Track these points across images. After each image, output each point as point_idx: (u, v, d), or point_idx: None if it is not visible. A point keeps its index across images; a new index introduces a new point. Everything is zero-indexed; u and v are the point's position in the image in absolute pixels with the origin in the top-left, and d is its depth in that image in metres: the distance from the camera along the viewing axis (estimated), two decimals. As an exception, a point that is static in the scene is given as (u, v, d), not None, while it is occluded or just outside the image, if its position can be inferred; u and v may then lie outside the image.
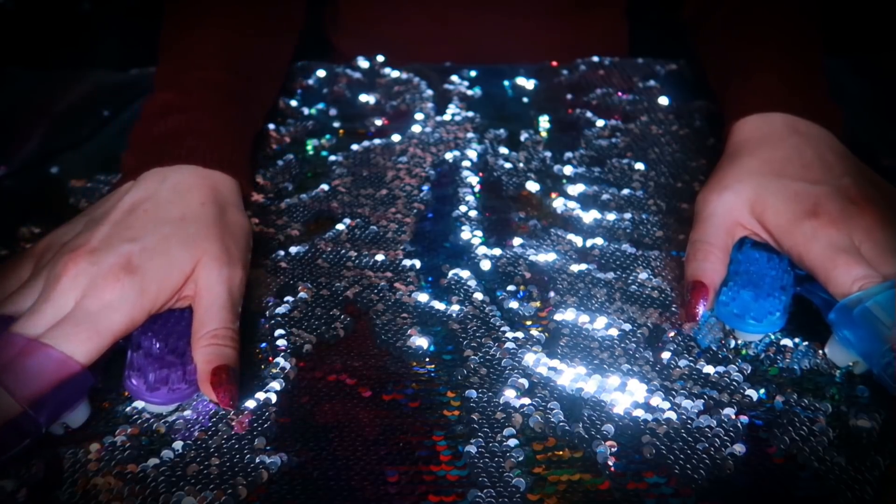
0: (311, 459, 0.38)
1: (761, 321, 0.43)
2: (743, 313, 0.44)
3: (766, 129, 0.50)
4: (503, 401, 0.41)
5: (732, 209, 0.46)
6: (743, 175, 0.47)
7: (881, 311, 0.40)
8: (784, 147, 0.48)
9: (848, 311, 0.41)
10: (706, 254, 0.45)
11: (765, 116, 0.51)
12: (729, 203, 0.46)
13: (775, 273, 0.45)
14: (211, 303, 0.42)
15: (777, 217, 0.45)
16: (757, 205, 0.46)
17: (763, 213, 0.45)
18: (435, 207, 0.56)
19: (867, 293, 0.40)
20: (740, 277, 0.45)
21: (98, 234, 0.43)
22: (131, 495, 0.36)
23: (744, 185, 0.46)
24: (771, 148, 0.48)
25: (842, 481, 0.36)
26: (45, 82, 0.71)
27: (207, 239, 0.44)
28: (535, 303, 0.48)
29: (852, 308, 0.41)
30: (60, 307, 0.40)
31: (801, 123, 0.50)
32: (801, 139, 0.49)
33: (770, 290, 0.44)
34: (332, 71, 0.73)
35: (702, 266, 0.45)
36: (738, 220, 0.46)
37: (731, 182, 0.47)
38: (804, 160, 0.47)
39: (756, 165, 0.47)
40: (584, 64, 0.74)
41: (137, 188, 0.47)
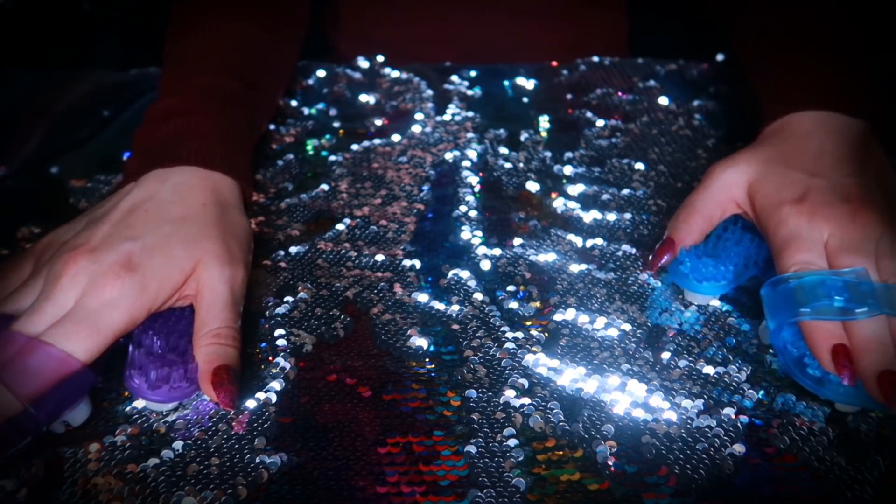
0: (311, 459, 0.38)
1: (702, 283, 0.45)
2: (689, 272, 0.46)
3: (794, 124, 0.50)
4: (503, 401, 0.41)
5: (730, 185, 0.48)
6: (753, 159, 0.48)
7: (800, 292, 0.40)
8: (806, 141, 0.48)
9: (773, 287, 0.42)
10: (688, 216, 0.48)
11: (798, 115, 0.50)
12: (729, 178, 0.48)
13: (743, 251, 0.47)
14: (213, 302, 0.42)
15: (764, 199, 0.46)
16: (753, 186, 0.47)
17: (756, 193, 0.47)
18: (435, 207, 0.56)
19: (797, 274, 0.41)
20: (706, 246, 0.47)
21: (98, 233, 0.43)
22: (131, 495, 0.36)
23: (750, 167, 0.48)
24: (792, 142, 0.49)
25: (842, 481, 0.36)
26: (45, 82, 0.71)
27: (209, 238, 0.44)
28: (535, 303, 0.48)
29: (777, 285, 0.42)
30: (61, 305, 0.40)
31: (832, 119, 0.49)
32: (826, 135, 0.48)
33: (728, 262, 0.46)
34: (332, 71, 0.73)
35: (679, 226, 0.47)
36: (733, 195, 0.48)
37: (740, 162, 0.48)
38: (818, 154, 0.47)
39: (769, 154, 0.48)
40: (584, 64, 0.74)
41: (138, 189, 0.47)
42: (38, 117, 0.66)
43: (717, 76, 0.72)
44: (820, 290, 0.40)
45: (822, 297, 0.40)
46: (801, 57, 0.54)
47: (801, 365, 0.41)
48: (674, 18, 0.89)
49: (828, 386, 0.40)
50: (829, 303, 0.40)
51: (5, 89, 0.70)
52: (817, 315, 0.40)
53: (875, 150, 0.49)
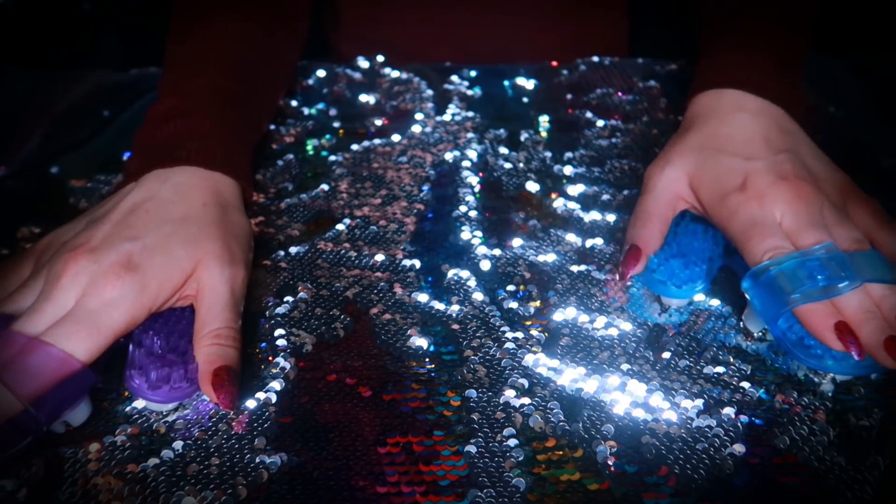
0: (311, 459, 0.38)
1: (681, 287, 0.46)
2: (666, 279, 0.46)
3: (715, 104, 0.51)
4: (503, 401, 0.41)
5: (673, 183, 0.48)
6: (685, 150, 0.49)
7: (784, 279, 0.41)
8: (729, 123, 0.49)
9: (755, 279, 0.42)
10: (644, 222, 0.48)
11: (718, 92, 0.51)
12: (670, 177, 0.48)
13: (704, 245, 0.48)
14: (213, 302, 0.42)
15: (709, 192, 0.46)
16: (694, 179, 0.48)
17: (699, 187, 0.47)
18: (435, 207, 0.56)
19: (774, 261, 0.42)
20: (671, 248, 0.48)
21: (99, 233, 0.43)
22: (131, 495, 0.36)
23: (684, 159, 0.48)
24: (717, 124, 0.50)
25: (842, 481, 0.36)
26: (45, 82, 0.71)
27: (209, 238, 0.44)
28: (535, 303, 0.48)
29: (759, 276, 0.42)
30: (61, 305, 0.40)
31: (752, 101, 0.50)
32: (749, 116, 0.49)
33: (696, 260, 0.47)
34: (332, 71, 0.73)
35: (640, 233, 0.47)
36: (679, 193, 0.48)
37: (674, 157, 0.49)
38: (746, 136, 0.48)
39: (698, 140, 0.49)
40: (584, 64, 0.74)
41: (139, 189, 0.47)
42: (38, 117, 0.66)
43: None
44: (801, 273, 0.41)
45: (805, 279, 0.41)
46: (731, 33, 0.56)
47: (803, 347, 0.42)
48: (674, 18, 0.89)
49: (833, 361, 0.41)
50: (814, 284, 0.40)
51: (5, 89, 0.70)
52: (806, 298, 0.40)
53: (796, 128, 0.50)
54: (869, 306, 0.40)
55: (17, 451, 0.36)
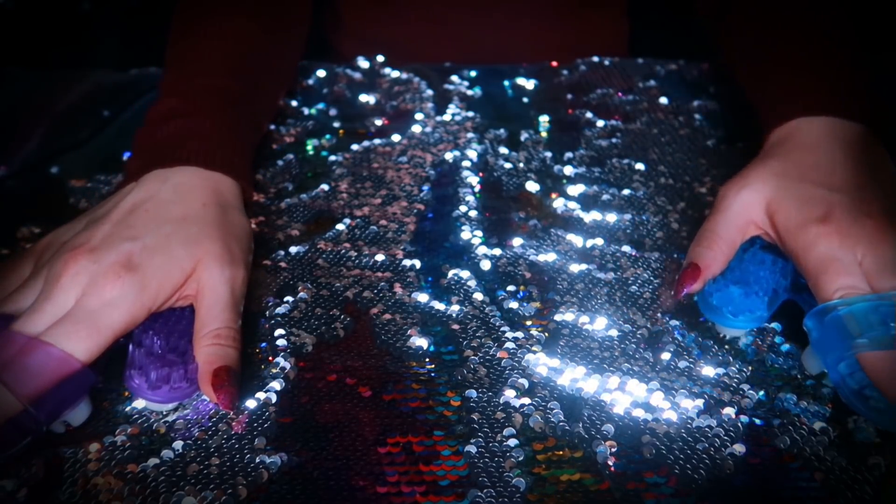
0: (311, 459, 0.38)
1: (737, 317, 0.44)
2: (721, 306, 0.44)
3: (804, 133, 0.49)
4: (503, 401, 0.41)
5: (748, 206, 0.46)
6: (767, 175, 0.46)
7: (852, 321, 0.39)
8: (817, 152, 0.47)
9: (821, 317, 0.40)
10: (710, 242, 0.45)
11: (803, 121, 0.49)
12: (746, 200, 0.46)
13: (771, 276, 0.45)
14: (213, 302, 0.42)
15: (787, 219, 0.44)
16: (772, 205, 0.45)
17: (776, 213, 0.45)
18: (435, 207, 0.56)
19: (845, 301, 0.39)
20: (733, 273, 0.45)
21: (98, 233, 0.43)
22: (131, 495, 0.36)
23: (765, 184, 0.46)
24: (802, 152, 0.47)
25: (842, 481, 0.36)
26: (45, 82, 0.71)
27: (209, 238, 0.44)
28: (535, 303, 0.48)
29: (825, 314, 0.40)
30: (61, 305, 0.40)
31: (841, 127, 0.48)
32: (836, 144, 0.47)
33: (758, 289, 0.44)
34: (332, 71, 0.73)
35: (703, 252, 0.45)
36: (752, 217, 0.46)
37: (754, 180, 0.46)
38: (832, 165, 0.46)
39: (782, 167, 0.47)
40: (584, 64, 0.74)
41: (139, 189, 0.47)
42: (38, 117, 0.66)
43: (717, 76, 0.72)
44: (873, 318, 0.38)
45: (876, 324, 0.38)
46: (801, 57, 0.53)
47: (862, 398, 0.38)
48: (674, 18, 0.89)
49: (892, 416, 0.38)
50: (886, 331, 0.37)
51: (5, 89, 0.70)
52: (875, 345, 0.37)
53: (880, 154, 0.48)
54: None
55: (17, 451, 0.36)
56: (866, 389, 0.38)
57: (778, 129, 0.50)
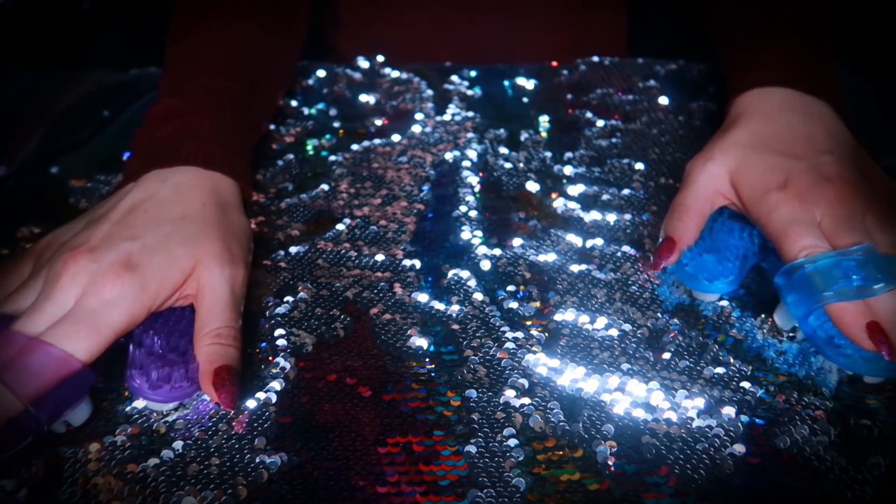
0: (311, 459, 0.38)
1: (712, 282, 0.46)
2: (697, 273, 0.46)
3: (762, 104, 0.51)
4: (503, 401, 0.41)
5: (714, 178, 0.48)
6: (728, 147, 0.49)
7: (818, 277, 0.41)
8: (776, 122, 0.49)
9: (789, 275, 0.43)
10: (681, 215, 0.48)
11: (764, 91, 0.51)
12: (711, 172, 0.48)
13: (740, 242, 0.47)
14: (213, 302, 0.42)
15: (750, 188, 0.46)
16: (736, 175, 0.47)
17: (739, 183, 0.47)
18: (435, 207, 0.56)
19: (810, 259, 0.42)
20: (706, 242, 0.48)
21: (98, 233, 0.43)
22: (131, 495, 0.36)
23: (727, 156, 0.48)
24: (763, 122, 0.49)
25: (842, 481, 0.36)
26: (45, 82, 0.71)
27: (209, 238, 0.44)
28: (535, 303, 0.48)
29: (793, 272, 0.42)
30: (61, 305, 0.40)
31: (798, 98, 0.50)
32: (794, 115, 0.49)
33: (730, 256, 0.47)
34: (332, 71, 0.73)
35: (675, 225, 0.48)
36: (719, 188, 0.48)
37: (717, 153, 0.49)
38: (792, 135, 0.48)
39: (743, 138, 0.49)
40: (584, 64, 0.74)
41: (138, 189, 0.47)
42: (38, 117, 0.66)
43: (717, 76, 0.71)
44: (836, 272, 0.41)
45: (839, 278, 0.41)
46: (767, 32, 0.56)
47: (833, 346, 0.41)
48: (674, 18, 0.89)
49: (861, 361, 0.41)
50: (849, 283, 0.40)
51: (5, 89, 0.70)
52: (840, 297, 0.41)
53: (842, 128, 0.50)
54: None
55: (18, 451, 0.36)
56: (835, 338, 0.41)
57: (737, 100, 0.52)
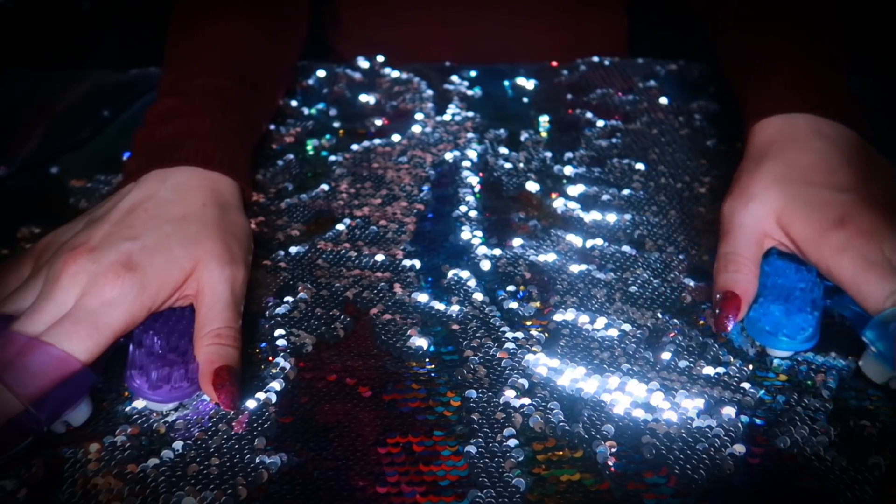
0: (311, 459, 0.38)
1: (794, 338, 0.42)
2: (775, 330, 0.42)
3: (788, 131, 0.48)
4: (503, 401, 0.41)
5: (760, 220, 0.45)
6: (769, 183, 0.45)
7: None
8: (809, 151, 0.46)
9: (884, 327, 0.39)
10: (738, 265, 0.44)
11: (787, 118, 0.49)
12: (756, 213, 0.45)
13: (805, 286, 0.44)
14: (213, 302, 0.42)
15: (804, 228, 0.43)
16: (784, 215, 0.44)
17: (790, 223, 0.44)
18: (435, 207, 0.56)
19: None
20: (769, 291, 0.44)
21: (98, 233, 0.43)
22: (131, 495, 0.36)
23: (770, 193, 0.45)
24: (796, 152, 0.46)
25: (842, 481, 0.36)
26: (45, 82, 0.71)
27: (209, 238, 0.44)
28: (535, 303, 0.48)
29: (888, 323, 0.39)
30: (60, 305, 0.40)
31: (825, 125, 0.48)
32: (825, 143, 0.47)
33: (801, 304, 0.43)
34: (332, 71, 0.73)
35: (734, 277, 0.44)
36: (766, 231, 0.45)
37: (757, 191, 0.45)
38: (830, 165, 0.45)
39: (781, 172, 0.46)
40: (584, 64, 0.74)
41: (138, 189, 0.47)
42: (38, 117, 0.66)
43: (717, 76, 0.72)
44: None
45: None
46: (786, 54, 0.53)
47: None
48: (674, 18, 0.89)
49: None
50: None
51: (5, 89, 0.70)
52: None
53: (874, 153, 0.48)
54: None
55: (18, 451, 0.36)
56: None
57: (759, 127, 0.50)
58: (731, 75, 0.58)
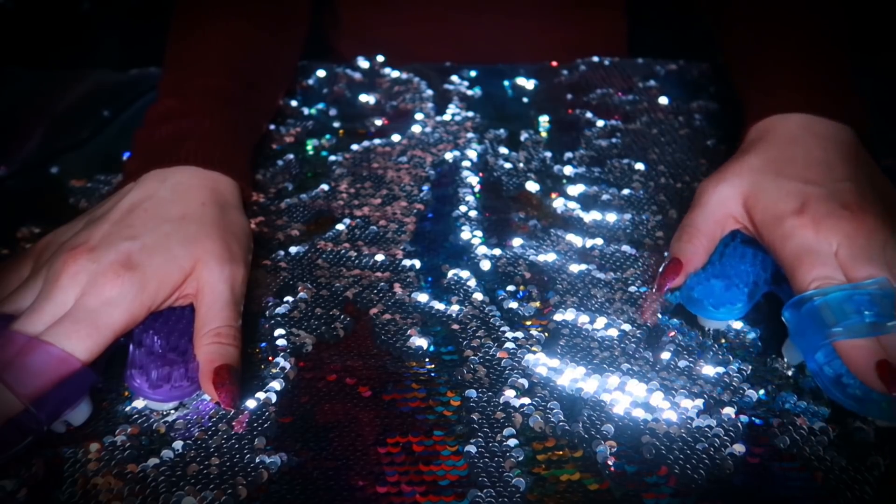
0: (311, 459, 0.38)
1: (718, 309, 0.44)
2: (703, 299, 0.45)
3: (779, 128, 0.49)
4: (503, 401, 0.41)
5: (726, 201, 0.47)
6: (744, 171, 0.47)
7: (827, 310, 0.39)
8: (793, 147, 0.48)
9: (797, 308, 0.41)
10: (691, 237, 0.46)
11: (781, 117, 0.50)
12: (724, 194, 0.47)
13: (751, 269, 0.46)
14: (213, 301, 0.42)
15: (764, 213, 0.45)
16: (749, 199, 0.46)
17: (753, 207, 0.46)
18: (435, 207, 0.56)
19: (820, 291, 0.40)
20: (714, 267, 0.46)
21: (98, 233, 0.43)
22: (131, 495, 0.36)
23: (742, 179, 0.47)
24: (779, 148, 0.48)
25: (842, 481, 0.36)
26: (45, 82, 0.71)
27: (208, 237, 0.44)
28: (535, 303, 0.48)
29: (802, 305, 0.40)
30: (60, 305, 0.40)
31: (818, 123, 0.49)
32: (813, 140, 0.48)
33: (739, 282, 0.45)
34: (332, 71, 0.73)
35: (684, 247, 0.46)
36: (730, 212, 0.47)
37: (731, 176, 0.47)
38: (808, 161, 0.46)
39: (758, 163, 0.47)
40: (584, 64, 0.74)
41: (137, 189, 0.47)
42: (38, 117, 0.66)
43: (717, 76, 0.72)
44: (848, 307, 0.39)
45: (851, 313, 0.38)
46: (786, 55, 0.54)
47: (840, 385, 0.39)
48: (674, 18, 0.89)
49: (871, 403, 0.38)
50: (860, 319, 0.38)
51: (5, 89, 0.70)
52: (850, 333, 0.38)
53: (863, 153, 0.48)
54: None
55: (18, 451, 0.36)
56: (843, 377, 0.39)
57: (756, 126, 0.51)
58: (734, 76, 0.59)
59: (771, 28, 0.57)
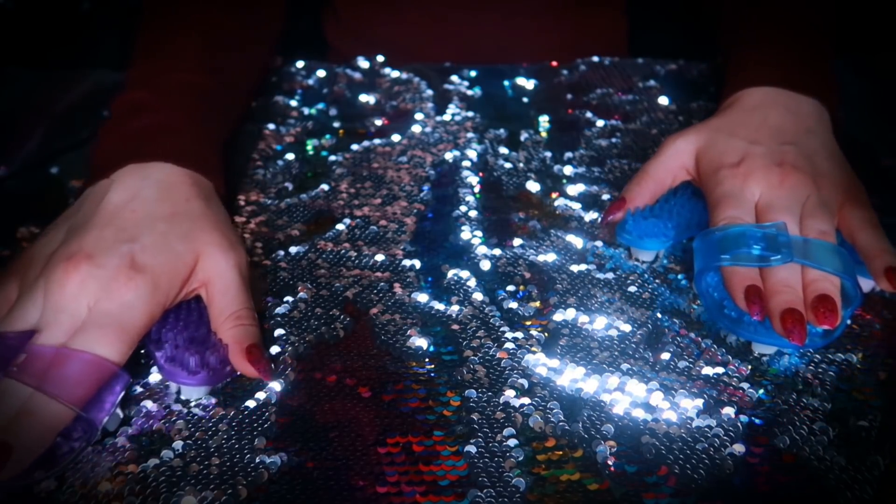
0: (311, 459, 0.38)
1: (642, 239, 0.49)
2: (632, 230, 0.50)
3: (746, 98, 0.53)
4: (503, 401, 0.41)
5: (680, 153, 0.51)
6: (703, 130, 0.52)
7: (725, 241, 0.44)
8: (752, 113, 0.52)
9: (703, 238, 0.46)
10: (640, 179, 0.52)
11: (753, 89, 0.53)
12: (679, 147, 0.51)
13: (688, 213, 0.50)
14: (226, 287, 0.43)
15: (708, 164, 0.49)
16: (699, 153, 0.51)
17: (701, 160, 0.50)
18: (435, 207, 0.56)
19: (724, 227, 0.45)
20: (655, 209, 0.51)
21: (90, 239, 0.42)
22: (131, 495, 0.36)
23: (699, 136, 0.51)
24: (739, 113, 0.52)
25: (842, 481, 0.36)
26: (45, 82, 0.71)
27: (203, 230, 0.44)
28: (535, 303, 0.48)
29: (707, 236, 0.45)
30: (75, 314, 0.39)
31: (783, 95, 0.52)
32: (774, 109, 0.51)
33: (669, 222, 0.50)
34: (332, 71, 0.73)
35: (631, 188, 0.52)
36: (684, 163, 0.51)
37: (691, 133, 0.52)
38: (761, 125, 0.50)
39: (717, 124, 0.52)
40: (584, 64, 0.74)
41: (117, 188, 0.45)
42: (38, 117, 0.66)
43: (716, 76, 0.72)
44: (741, 240, 0.44)
45: (741, 245, 0.43)
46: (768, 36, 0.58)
47: (720, 307, 0.44)
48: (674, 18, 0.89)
49: (743, 326, 0.43)
50: (748, 250, 0.43)
51: (5, 89, 0.70)
52: (736, 261, 0.43)
53: (823, 127, 0.51)
54: (792, 282, 0.42)
55: (68, 463, 0.37)
56: (725, 301, 0.44)
57: (729, 97, 0.55)
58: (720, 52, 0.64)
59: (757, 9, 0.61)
